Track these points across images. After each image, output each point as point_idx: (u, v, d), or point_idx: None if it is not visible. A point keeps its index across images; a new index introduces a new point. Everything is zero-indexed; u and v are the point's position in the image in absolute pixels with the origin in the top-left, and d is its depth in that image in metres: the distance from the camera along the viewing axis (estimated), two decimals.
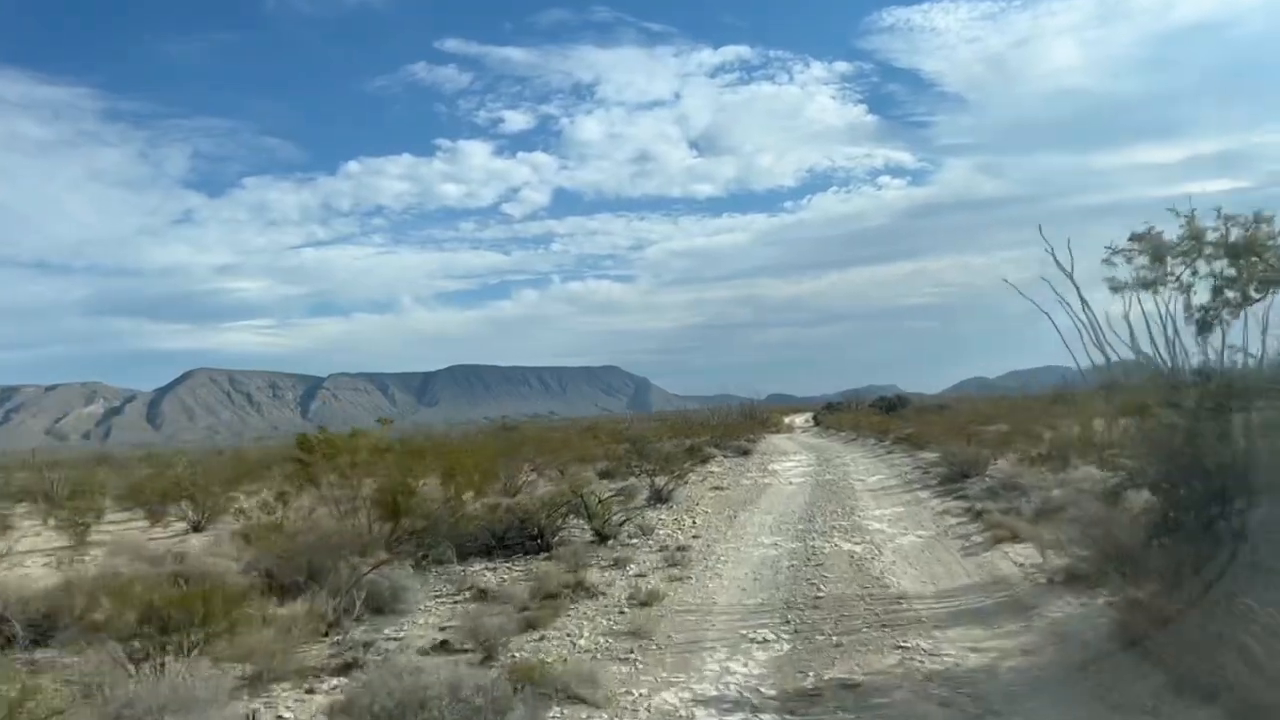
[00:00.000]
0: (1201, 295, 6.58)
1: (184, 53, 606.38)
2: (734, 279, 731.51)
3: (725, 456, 30.07)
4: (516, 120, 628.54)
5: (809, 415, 71.93)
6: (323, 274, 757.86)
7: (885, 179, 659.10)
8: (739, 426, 42.79)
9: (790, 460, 27.12)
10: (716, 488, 19.01)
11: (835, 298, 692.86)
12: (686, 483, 17.72)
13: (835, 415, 56.24)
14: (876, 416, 42.46)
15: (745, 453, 31.37)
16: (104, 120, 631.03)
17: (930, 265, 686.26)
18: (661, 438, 34.99)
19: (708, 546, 11.24)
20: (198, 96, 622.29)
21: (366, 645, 6.83)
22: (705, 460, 27.84)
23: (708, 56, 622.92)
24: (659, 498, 15.73)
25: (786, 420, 64.83)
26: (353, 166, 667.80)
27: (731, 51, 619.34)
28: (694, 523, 13.43)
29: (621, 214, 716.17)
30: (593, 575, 9.40)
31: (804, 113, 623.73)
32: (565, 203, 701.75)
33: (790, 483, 19.49)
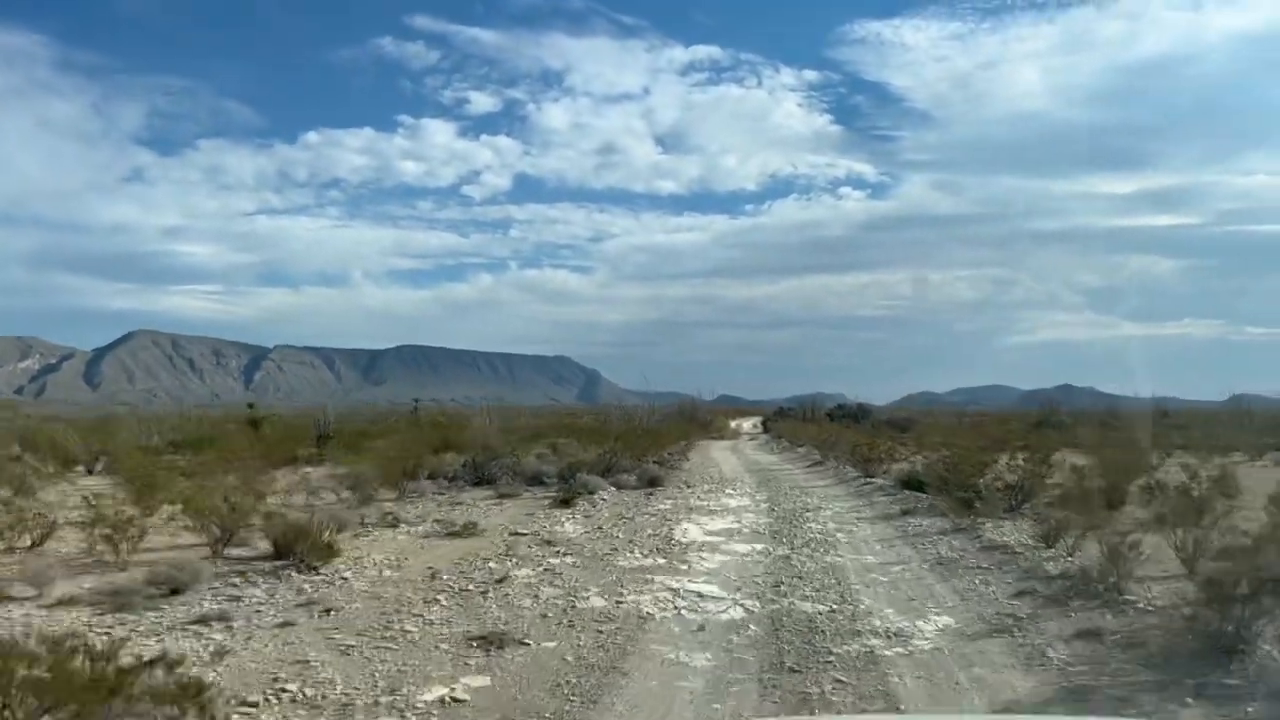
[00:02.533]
0: None
1: (144, 7, 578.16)
2: (691, 278, 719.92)
3: (620, 487, 17.78)
4: (482, 102, 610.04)
5: (757, 420, 61.85)
6: (274, 243, 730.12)
7: (846, 190, 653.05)
8: (665, 434, 30.29)
9: (724, 513, 14.62)
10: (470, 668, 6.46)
11: (789, 303, 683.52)
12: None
13: (789, 424, 44.87)
14: (853, 433, 30.19)
15: (654, 482, 18.96)
16: (57, 70, 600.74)
17: (885, 278, 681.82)
18: (529, 450, 22.44)
19: None
20: (156, 53, 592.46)
21: None
22: (569, 501, 15.41)
23: (679, 54, 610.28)
24: None
25: (733, 425, 54.42)
26: (312, 136, 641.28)
27: (702, 51, 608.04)
28: None
29: (583, 205, 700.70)
30: None
31: (770, 117, 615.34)
32: (526, 189, 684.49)
33: (701, 623, 7.08)
